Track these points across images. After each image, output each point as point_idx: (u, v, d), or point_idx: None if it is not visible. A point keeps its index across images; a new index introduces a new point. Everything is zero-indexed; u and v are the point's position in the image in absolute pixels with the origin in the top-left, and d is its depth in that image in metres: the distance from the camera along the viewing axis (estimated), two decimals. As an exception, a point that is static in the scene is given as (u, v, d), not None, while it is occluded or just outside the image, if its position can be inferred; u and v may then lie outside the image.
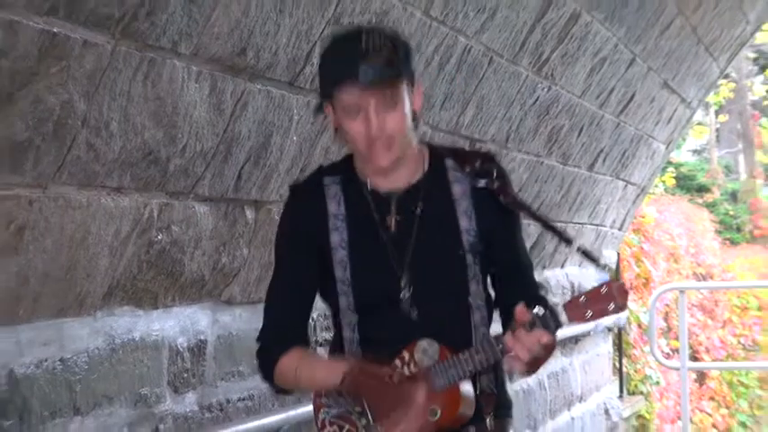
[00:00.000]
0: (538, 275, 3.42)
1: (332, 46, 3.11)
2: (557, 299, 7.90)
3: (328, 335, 3.32)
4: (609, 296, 2.92)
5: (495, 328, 3.15)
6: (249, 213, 4.28)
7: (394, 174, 3.12)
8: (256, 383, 4.57)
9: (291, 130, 4.27)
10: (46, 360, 3.45)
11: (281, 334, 3.23)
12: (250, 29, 3.76)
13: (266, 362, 3.23)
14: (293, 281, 3.23)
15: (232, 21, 3.66)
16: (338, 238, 3.14)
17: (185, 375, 4.14)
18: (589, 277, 8.56)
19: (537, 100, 6.46)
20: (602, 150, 8.03)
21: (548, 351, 2.98)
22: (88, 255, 3.50)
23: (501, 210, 3.13)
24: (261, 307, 4.58)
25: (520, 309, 2.95)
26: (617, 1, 6.67)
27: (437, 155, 3.20)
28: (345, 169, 3.19)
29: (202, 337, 4.24)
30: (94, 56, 3.16)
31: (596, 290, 2.94)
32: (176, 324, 4.08)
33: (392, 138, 3.03)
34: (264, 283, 4.53)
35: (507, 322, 3.09)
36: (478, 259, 3.13)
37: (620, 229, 9.82)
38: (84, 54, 3.11)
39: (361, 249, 3.13)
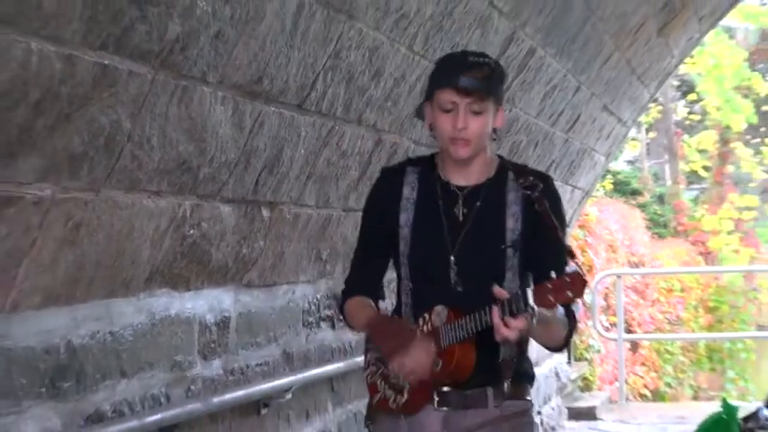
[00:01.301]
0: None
1: (445, 58, 3.22)
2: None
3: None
4: (570, 284, 2.89)
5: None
6: (265, 212, 4.28)
7: (466, 172, 3.17)
8: (271, 352, 4.58)
9: (299, 145, 4.27)
10: (98, 333, 3.44)
11: (355, 283, 3.33)
12: (266, 61, 3.76)
13: (342, 300, 3.36)
14: (369, 245, 3.33)
15: (251, 54, 3.66)
16: (405, 218, 3.18)
17: (212, 345, 4.14)
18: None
19: (500, 120, 6.46)
20: (553, 161, 8.04)
21: (524, 330, 2.96)
22: (133, 246, 3.50)
23: (543, 219, 3.12)
24: (275, 289, 4.62)
25: (497, 289, 2.96)
26: (566, 39, 6.68)
27: (503, 166, 3.23)
28: (427, 163, 3.24)
29: (226, 314, 4.24)
30: (138, 83, 3.15)
31: (562, 278, 2.90)
32: (205, 303, 4.08)
33: (470, 139, 3.07)
34: (277, 269, 4.54)
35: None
36: (517, 254, 3.13)
37: (568, 226, 9.82)
38: (129, 82, 3.11)
39: (421, 230, 3.17)
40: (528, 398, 3.22)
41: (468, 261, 3.12)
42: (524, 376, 3.20)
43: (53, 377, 3.23)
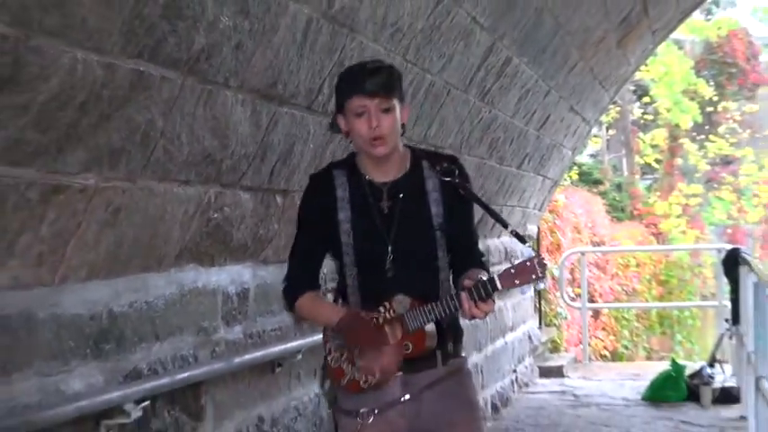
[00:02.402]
0: (481, 243, 3.41)
1: (345, 73, 3.12)
2: (494, 258, 7.93)
3: (334, 284, 3.34)
4: (532, 268, 2.90)
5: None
6: (279, 199, 4.28)
7: (385, 169, 3.10)
8: (283, 318, 4.58)
9: (309, 140, 4.26)
10: (135, 302, 3.44)
11: (298, 280, 3.20)
12: (279, 68, 3.76)
13: (288, 299, 3.22)
14: (308, 243, 3.20)
15: (266, 63, 3.65)
16: (344, 215, 3.09)
17: (234, 313, 4.14)
18: (518, 245, 8.57)
19: (481, 119, 6.46)
20: (527, 154, 8.04)
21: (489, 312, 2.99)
22: (165, 228, 3.49)
23: (460, 199, 3.10)
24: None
25: (467, 281, 2.95)
26: (538, 49, 6.67)
27: (416, 157, 3.17)
28: (350, 164, 3.15)
29: (246, 286, 4.24)
30: (169, 87, 3.15)
31: (523, 263, 2.91)
32: (227, 277, 4.08)
33: (385, 135, 3.01)
34: (290, 248, 4.53)
35: (456, 280, 3.09)
36: (444, 235, 3.10)
37: (539, 210, 9.84)
38: (162, 86, 3.10)
39: (360, 224, 3.09)
40: (463, 354, 3.23)
41: (403, 247, 3.07)
42: (459, 336, 3.20)
43: (97, 340, 3.23)
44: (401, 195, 3.10)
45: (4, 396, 2.80)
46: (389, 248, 3.06)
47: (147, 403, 3.37)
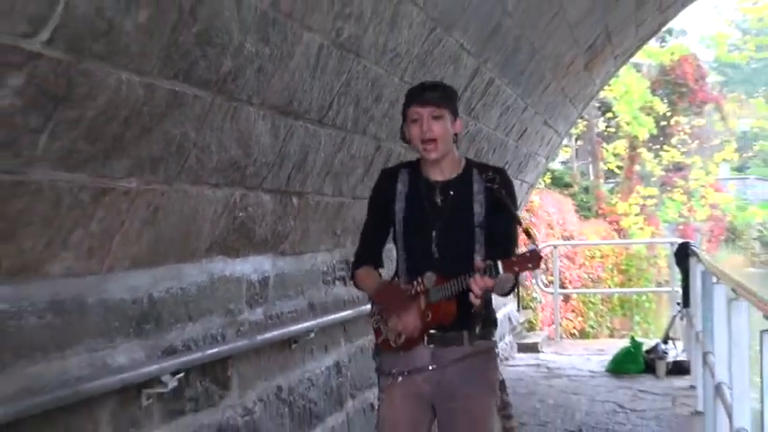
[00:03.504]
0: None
1: (409, 90, 3.21)
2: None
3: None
4: (530, 259, 2.94)
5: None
6: (295, 200, 4.27)
7: (441, 170, 3.16)
8: (299, 302, 4.57)
9: (320, 150, 4.26)
10: (171, 288, 3.44)
11: (360, 256, 3.29)
12: (295, 88, 3.75)
13: (353, 269, 3.31)
14: (371, 226, 3.29)
15: (284, 83, 3.65)
16: (400, 206, 3.18)
17: (256, 297, 4.14)
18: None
19: (468, 132, 6.45)
20: (507, 162, 8.03)
21: (491, 289, 2.99)
22: (197, 225, 3.49)
23: (499, 204, 3.13)
24: (303, 257, 4.62)
25: (478, 261, 2.97)
26: (516, 72, 6.66)
27: (468, 164, 3.22)
28: (413, 165, 3.23)
29: (266, 275, 4.24)
30: (200, 105, 3.14)
31: (524, 254, 2.95)
32: (251, 267, 4.08)
33: (436, 140, 3.08)
34: (304, 242, 4.54)
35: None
36: (483, 231, 3.12)
37: (518, 210, 9.81)
38: (194, 103, 3.10)
39: (411, 215, 3.16)
40: (493, 338, 3.24)
41: (446, 237, 3.11)
42: (490, 323, 3.21)
43: (138, 321, 3.23)
44: (451, 193, 3.15)
45: (58, 369, 2.80)
46: (434, 237, 3.11)
47: (181, 375, 3.38)
